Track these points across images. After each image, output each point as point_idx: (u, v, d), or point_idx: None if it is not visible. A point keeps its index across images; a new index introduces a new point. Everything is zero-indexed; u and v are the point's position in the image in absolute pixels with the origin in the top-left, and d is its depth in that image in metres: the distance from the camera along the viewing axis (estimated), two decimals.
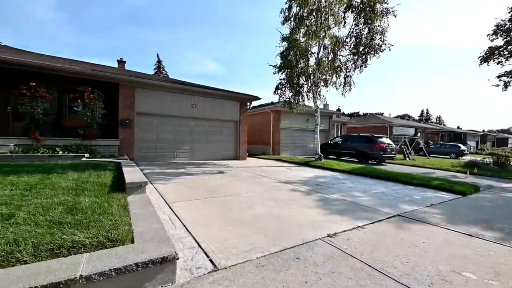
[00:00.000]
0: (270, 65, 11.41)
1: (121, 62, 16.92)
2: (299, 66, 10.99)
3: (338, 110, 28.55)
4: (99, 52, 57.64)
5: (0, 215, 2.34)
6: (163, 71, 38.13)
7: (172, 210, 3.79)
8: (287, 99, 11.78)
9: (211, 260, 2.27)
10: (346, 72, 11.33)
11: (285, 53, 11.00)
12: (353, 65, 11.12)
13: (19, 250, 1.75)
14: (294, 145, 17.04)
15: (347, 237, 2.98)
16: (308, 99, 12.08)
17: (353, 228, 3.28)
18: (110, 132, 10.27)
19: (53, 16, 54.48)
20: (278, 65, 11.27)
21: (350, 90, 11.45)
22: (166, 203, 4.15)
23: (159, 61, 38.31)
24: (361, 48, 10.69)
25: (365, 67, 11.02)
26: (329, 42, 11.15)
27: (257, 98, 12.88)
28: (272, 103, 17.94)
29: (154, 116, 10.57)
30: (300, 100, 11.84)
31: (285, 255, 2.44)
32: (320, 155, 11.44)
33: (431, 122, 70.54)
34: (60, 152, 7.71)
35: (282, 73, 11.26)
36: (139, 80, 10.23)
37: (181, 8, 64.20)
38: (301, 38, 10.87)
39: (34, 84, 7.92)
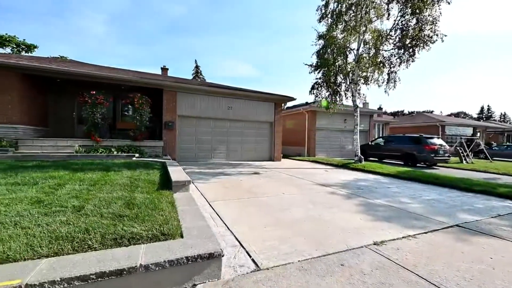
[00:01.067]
0: (305, 64, 11.19)
1: (164, 69, 18.36)
2: (336, 64, 10.54)
3: (380, 108, 26.59)
4: (145, 61, 63.67)
5: (73, 207, 2.72)
6: (201, 76, 40.20)
7: (213, 208, 3.95)
8: (324, 99, 11.38)
9: (253, 260, 2.31)
10: (390, 67, 10.48)
11: (321, 51, 10.66)
12: (398, 59, 10.23)
13: (90, 238, 2.01)
14: (330, 146, 16.38)
15: (397, 247, 2.74)
16: (346, 98, 11.50)
17: (403, 237, 3.01)
18: (155, 134, 11.20)
19: (107, 31, 61.87)
20: (314, 64, 10.98)
21: (394, 87, 10.56)
22: (207, 201, 4.35)
23: (196, 66, 40.55)
24: (407, 41, 9.78)
25: (412, 61, 10.05)
26: (370, 37, 10.47)
27: (291, 99, 12.73)
28: (306, 103, 17.55)
29: (193, 118, 11.20)
30: (338, 99, 11.33)
31: (329, 261, 2.35)
32: (360, 157, 10.78)
33: (494, 120, 61.06)
34: (115, 152, 8.67)
35: (318, 72, 10.93)
36: (181, 85, 10.96)
37: (216, 15, 67.05)
38: (338, 35, 10.42)
39: (94, 92, 9.05)
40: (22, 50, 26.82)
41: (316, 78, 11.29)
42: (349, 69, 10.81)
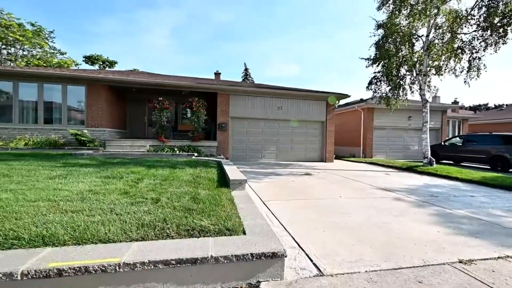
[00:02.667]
0: (361, 58, 10.32)
1: (217, 74, 19.59)
2: (399, 54, 9.40)
3: (455, 102, 22.52)
4: (199, 67, 69.34)
5: (151, 199, 3.12)
6: (249, 78, 41.42)
7: (267, 208, 4.00)
8: (384, 94, 10.28)
9: (315, 264, 2.23)
10: (472, 53, 8.77)
11: (381, 42, 9.67)
12: (482, 43, 8.49)
13: (168, 227, 2.27)
14: (390, 147, 14.73)
15: (491, 268, 2.27)
16: (412, 92, 10.14)
17: (498, 257, 2.48)
18: (210, 135, 12.04)
19: (168, 43, 69.70)
20: (372, 57, 10.03)
21: (478, 76, 8.77)
22: (262, 200, 4.43)
23: (246, 69, 41.92)
24: (496, 20, 8.03)
25: (503, 44, 8.20)
26: (444, 20, 8.98)
27: (345, 96, 11.95)
28: (362, 100, 16.19)
29: (244, 119, 11.61)
30: (401, 94, 10.08)
31: (402, 275, 2.09)
32: (430, 159, 9.36)
33: None
34: (177, 152, 9.65)
35: (377, 65, 9.94)
36: (233, 88, 11.50)
37: (262, 17, 68.09)
38: (402, 22, 9.27)
39: (161, 98, 10.27)
40: (106, 66, 32.44)
41: (375, 72, 10.30)
42: (415, 59, 9.50)
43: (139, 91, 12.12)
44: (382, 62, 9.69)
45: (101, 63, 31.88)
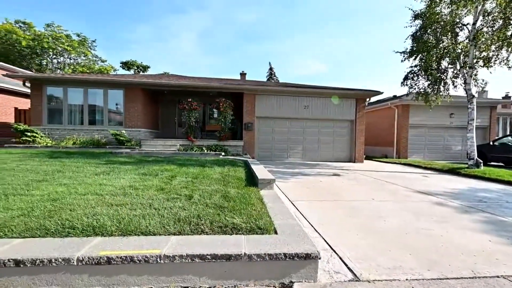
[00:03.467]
0: (396, 52, 9.65)
1: (242, 74, 19.85)
2: (440, 46, 8.62)
3: (507, 97, 19.98)
4: (225, 68, 70.89)
5: (185, 195, 3.27)
6: (274, 77, 41.24)
7: (296, 208, 3.95)
8: (422, 90, 9.51)
9: (349, 268, 2.15)
10: None
11: (418, 33, 8.96)
12: None
13: (202, 223, 2.36)
14: (429, 147, 13.60)
15: None
16: (455, 87, 9.23)
17: None
18: (236, 135, 12.24)
19: (194, 46, 72.45)
20: (408, 50, 9.33)
21: None
22: (290, 200, 4.38)
23: (270, 68, 41.78)
24: None
25: None
26: (495, 5, 8.02)
27: (377, 93, 11.30)
28: (395, 97, 15.19)
29: (270, 119, 11.60)
30: (442, 89, 9.23)
31: (449, 287, 1.92)
32: (477, 160, 8.45)
33: None
34: (205, 151, 9.98)
35: (414, 59, 9.22)
36: (258, 87, 11.55)
37: (287, 16, 67.19)
38: (443, 10, 8.48)
39: (190, 100, 10.69)
40: (140, 70, 34.74)
41: (411, 66, 9.57)
42: (459, 50, 8.63)
43: (170, 93, 12.77)
44: (420, 55, 8.97)
45: (135, 68, 34.24)
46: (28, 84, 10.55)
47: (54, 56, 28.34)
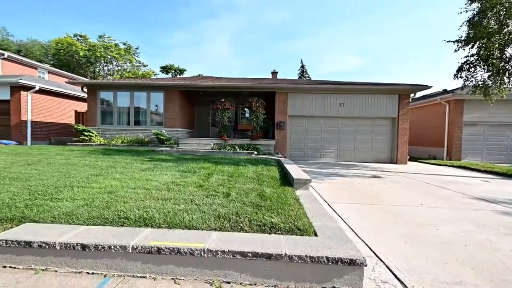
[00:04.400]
0: (448, 41, 8.62)
1: (274, 73, 19.75)
2: (504, 31, 7.46)
3: None
4: (256, 68, 71.56)
5: (223, 193, 3.37)
6: (306, 75, 40.27)
7: (333, 210, 3.79)
8: (480, 83, 8.35)
9: (398, 279, 1.98)
10: None
11: (476, 18, 7.87)
12: None
13: (241, 221, 2.40)
14: (488, 147, 11.89)
15: None
16: None
17: None
18: (268, 134, 12.24)
19: (227, 49, 74.48)
20: (463, 38, 8.27)
21: None
22: (326, 202, 4.22)
23: (302, 66, 40.91)
24: None
25: None
26: None
27: (424, 87, 10.26)
28: (446, 91, 13.61)
29: (303, 118, 11.34)
30: (507, 81, 7.98)
31: None
32: None
33: None
34: (238, 150, 10.18)
35: (470, 48, 8.13)
36: (291, 86, 11.38)
37: (318, 11, 64.80)
38: None
39: (223, 100, 11.01)
40: (177, 73, 36.91)
41: (466, 56, 8.46)
42: None
43: (205, 94, 13.32)
44: (478, 42, 7.88)
45: (173, 71, 36.48)
46: (85, 90, 11.97)
47: (105, 64, 31.72)
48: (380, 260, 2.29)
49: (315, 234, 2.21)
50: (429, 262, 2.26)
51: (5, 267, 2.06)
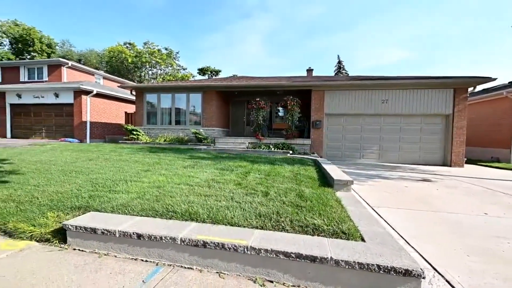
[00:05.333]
0: None
1: (309, 71, 19.21)
2: None
3: None
4: (291, 66, 70.72)
5: (261, 192, 3.38)
6: (343, 71, 38.35)
7: (378, 215, 3.52)
8: None
9: None
10: None
11: None
12: None
13: (282, 220, 2.38)
14: None
15: None
16: None
17: None
18: (303, 133, 11.97)
19: (261, 49, 74.90)
20: None
21: None
22: (369, 206, 3.95)
23: (339, 62, 39.07)
24: None
25: None
26: None
27: (486, 80, 8.92)
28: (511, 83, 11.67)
29: (341, 116, 10.81)
30: None
31: None
32: None
33: None
34: (273, 149, 10.16)
35: None
36: (328, 83, 10.92)
37: (356, 5, 60.80)
38: None
39: (258, 99, 11.08)
40: (213, 74, 38.41)
41: None
42: None
43: (240, 94, 13.59)
44: None
45: (209, 72, 38.09)
46: (133, 93, 13.19)
47: (149, 68, 34.56)
48: (438, 273, 2.05)
49: (362, 239, 2.08)
50: (500, 281, 1.95)
51: (74, 249, 2.36)
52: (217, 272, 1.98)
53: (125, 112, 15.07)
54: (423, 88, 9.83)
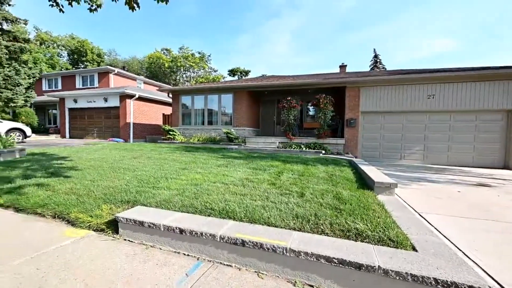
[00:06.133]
0: None
1: (342, 67, 18.37)
2: None
3: None
4: (323, 63, 68.58)
5: (296, 192, 3.31)
6: (380, 65, 35.88)
7: (428, 222, 3.19)
8: None
9: None
10: None
11: None
12: None
13: (321, 223, 2.28)
14: None
15: None
16: None
17: None
18: (336, 132, 11.48)
19: (290, 47, 73.80)
20: None
21: None
22: (416, 211, 3.60)
23: (375, 56, 36.65)
24: None
25: None
26: None
27: None
28: None
29: (378, 113, 10.12)
30: None
31: None
32: None
33: None
34: (304, 148, 9.93)
35: None
36: (365, 79, 10.30)
37: None
38: None
39: (289, 98, 10.92)
40: (243, 75, 39.01)
41: None
42: None
43: (270, 93, 13.57)
44: None
45: (239, 73, 38.79)
46: (170, 95, 14.03)
47: (184, 72, 36.48)
48: None
49: (414, 249, 1.89)
50: None
51: (125, 240, 2.57)
52: (255, 272, 1.98)
53: (163, 114, 16.10)
54: (478, 80, 8.69)
